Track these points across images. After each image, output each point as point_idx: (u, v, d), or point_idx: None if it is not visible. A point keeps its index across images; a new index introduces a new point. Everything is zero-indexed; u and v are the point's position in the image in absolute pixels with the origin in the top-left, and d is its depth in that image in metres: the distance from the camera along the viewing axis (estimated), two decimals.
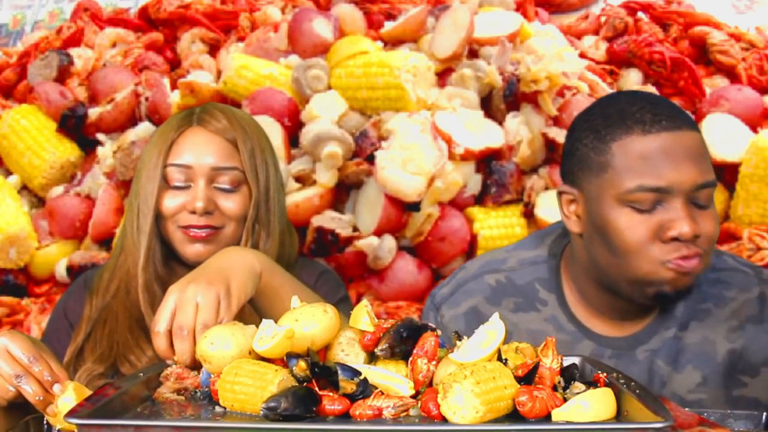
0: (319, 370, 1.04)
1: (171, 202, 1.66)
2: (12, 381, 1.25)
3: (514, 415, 1.01)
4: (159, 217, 1.67)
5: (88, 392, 1.25)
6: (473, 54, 2.68)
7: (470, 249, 2.52)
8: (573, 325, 1.53)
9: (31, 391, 1.24)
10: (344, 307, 1.33)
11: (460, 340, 1.12)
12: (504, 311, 1.53)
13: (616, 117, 1.43)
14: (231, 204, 1.68)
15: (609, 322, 1.53)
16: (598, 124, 1.44)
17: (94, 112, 2.78)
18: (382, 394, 1.03)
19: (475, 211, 2.53)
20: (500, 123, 2.60)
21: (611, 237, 1.41)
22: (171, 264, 1.72)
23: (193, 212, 1.65)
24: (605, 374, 1.13)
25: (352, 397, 1.03)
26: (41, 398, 1.24)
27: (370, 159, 2.53)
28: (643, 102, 1.45)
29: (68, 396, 1.24)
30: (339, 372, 1.04)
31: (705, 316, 1.52)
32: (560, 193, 1.51)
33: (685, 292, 1.45)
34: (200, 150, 1.67)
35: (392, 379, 1.06)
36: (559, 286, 1.56)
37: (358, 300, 2.39)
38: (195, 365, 1.21)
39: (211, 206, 1.65)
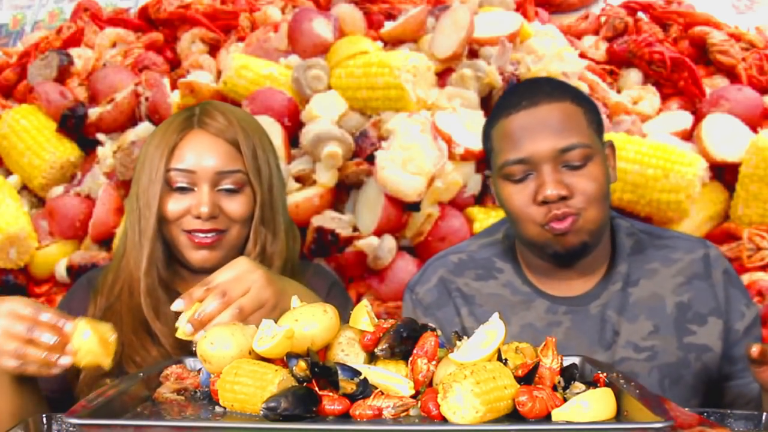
0: (319, 370, 1.04)
1: (175, 206, 1.65)
2: (25, 335, 1.27)
3: (514, 415, 1.01)
4: (162, 221, 1.66)
5: (102, 324, 1.30)
6: (473, 54, 2.68)
7: None
8: (527, 287, 1.71)
9: (46, 338, 1.26)
10: None
11: (460, 340, 1.12)
12: (467, 280, 1.74)
13: (497, 107, 1.69)
14: (235, 206, 1.66)
15: (559, 283, 1.70)
16: (490, 116, 1.70)
17: (94, 112, 2.78)
18: (382, 394, 1.03)
19: (475, 211, 2.53)
20: None
21: (504, 207, 1.66)
22: (175, 267, 1.72)
23: (198, 217, 1.63)
24: (605, 374, 1.13)
25: (352, 397, 1.03)
26: (58, 340, 1.26)
27: (370, 159, 2.53)
28: (517, 88, 1.71)
29: (84, 330, 1.27)
30: (339, 372, 1.04)
31: (653, 274, 1.69)
32: (487, 177, 1.76)
33: (581, 249, 1.61)
34: (203, 154, 1.65)
35: (392, 379, 1.06)
36: (515, 257, 1.75)
37: (358, 300, 2.38)
38: (200, 327, 1.24)
39: (216, 210, 1.64)
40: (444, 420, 0.99)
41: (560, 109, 1.60)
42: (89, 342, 1.27)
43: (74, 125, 2.77)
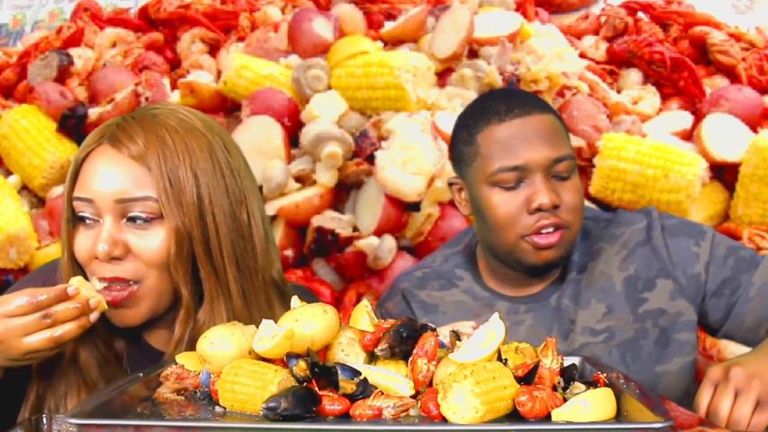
0: (319, 370, 1.04)
1: (81, 244, 1.34)
2: (46, 321, 1.20)
3: (514, 415, 1.01)
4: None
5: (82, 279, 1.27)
6: (473, 54, 2.68)
7: None
8: (487, 292, 1.75)
9: (69, 309, 1.21)
10: None
11: (459, 340, 1.12)
12: (430, 291, 1.78)
13: (479, 112, 1.67)
14: (145, 243, 1.31)
15: (519, 286, 1.72)
16: (467, 120, 1.69)
17: (94, 112, 2.78)
18: (382, 394, 1.03)
19: None
20: None
21: (486, 214, 1.63)
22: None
23: (98, 258, 1.30)
24: (605, 374, 1.13)
25: (352, 397, 1.03)
26: (78, 305, 1.22)
27: (370, 159, 2.53)
28: (500, 96, 1.72)
29: (83, 279, 1.28)
30: (339, 372, 1.04)
31: (599, 254, 1.71)
32: (450, 184, 1.75)
33: (556, 263, 1.66)
34: (103, 177, 1.31)
35: (392, 379, 1.06)
36: (474, 266, 1.79)
37: (358, 300, 2.38)
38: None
39: (119, 249, 1.30)
40: (444, 420, 0.99)
41: (551, 121, 1.64)
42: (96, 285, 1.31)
43: (74, 125, 2.77)
